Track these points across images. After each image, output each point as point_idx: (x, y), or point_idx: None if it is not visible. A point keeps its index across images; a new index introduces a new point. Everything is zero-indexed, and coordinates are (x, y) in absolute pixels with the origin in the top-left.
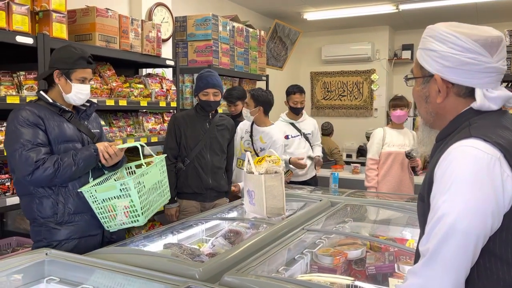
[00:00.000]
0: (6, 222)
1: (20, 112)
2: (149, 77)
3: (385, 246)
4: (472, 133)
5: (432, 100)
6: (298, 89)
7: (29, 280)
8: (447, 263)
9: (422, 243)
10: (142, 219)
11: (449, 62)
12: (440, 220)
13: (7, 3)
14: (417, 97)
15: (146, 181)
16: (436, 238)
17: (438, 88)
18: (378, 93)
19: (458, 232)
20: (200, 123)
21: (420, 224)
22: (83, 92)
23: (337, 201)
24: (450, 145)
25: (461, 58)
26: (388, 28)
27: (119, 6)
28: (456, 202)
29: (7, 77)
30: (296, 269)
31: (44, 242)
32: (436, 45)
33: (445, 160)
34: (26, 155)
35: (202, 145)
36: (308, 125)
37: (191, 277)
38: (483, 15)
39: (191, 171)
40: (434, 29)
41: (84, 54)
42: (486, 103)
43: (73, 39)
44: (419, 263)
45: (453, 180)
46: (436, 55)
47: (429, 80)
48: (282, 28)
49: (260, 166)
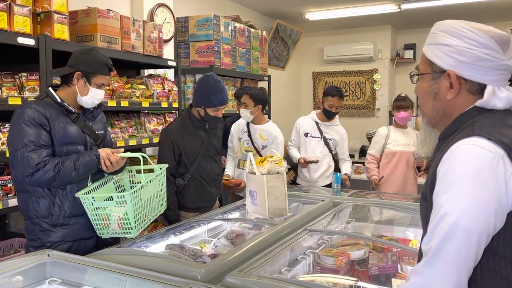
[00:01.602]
0: (8, 223)
1: (27, 110)
2: (151, 78)
3: (388, 247)
4: (476, 131)
5: (441, 96)
6: (338, 92)
7: (31, 281)
8: (449, 262)
9: (424, 242)
10: (135, 232)
11: (465, 57)
12: (443, 219)
13: (8, 4)
14: (424, 93)
15: (144, 193)
16: (439, 237)
17: (449, 84)
18: (380, 93)
19: (461, 231)
20: (197, 134)
21: (422, 223)
22: (98, 97)
23: (339, 201)
24: (453, 143)
25: (478, 54)
26: (390, 28)
27: (121, 7)
28: (458, 201)
29: (9, 78)
30: (299, 269)
31: (38, 242)
32: (451, 39)
33: (447, 158)
34: (27, 156)
35: (201, 157)
36: (334, 131)
37: (193, 278)
38: (485, 14)
39: (193, 185)
40: (447, 25)
41: (108, 61)
42: (492, 101)
43: (74, 40)
44: (421, 262)
45: (455, 179)
46: (451, 50)
47: (440, 76)
48: (284, 28)
49: (262, 166)
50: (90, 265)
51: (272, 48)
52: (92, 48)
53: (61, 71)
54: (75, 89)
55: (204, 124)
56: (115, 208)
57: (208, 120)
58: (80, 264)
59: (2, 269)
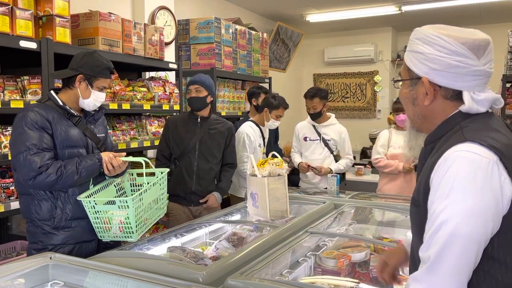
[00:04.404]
0: (10, 226)
1: (29, 113)
2: (152, 80)
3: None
4: (467, 137)
5: (419, 102)
6: (310, 93)
7: (34, 284)
8: (450, 269)
9: (422, 250)
10: (136, 236)
11: (436, 65)
12: (441, 227)
13: (10, 8)
14: (404, 99)
15: (146, 198)
16: (438, 245)
17: (425, 90)
18: (381, 94)
19: (460, 238)
20: (190, 126)
21: (413, 229)
22: (99, 100)
23: (340, 203)
24: (445, 150)
25: (448, 61)
26: (391, 30)
27: (122, 10)
28: (456, 208)
29: (11, 81)
30: (300, 272)
31: (40, 245)
32: (423, 47)
33: (442, 165)
34: (30, 160)
35: (190, 149)
36: (332, 131)
37: (194, 281)
38: (486, 15)
39: (177, 174)
40: (421, 32)
41: (109, 64)
42: (475, 106)
43: (76, 43)
44: (422, 270)
45: (452, 186)
46: (423, 58)
47: (417, 83)
48: (285, 30)
49: (263, 168)
50: (92, 267)
51: (273, 50)
52: (94, 51)
53: (63, 73)
54: (77, 92)
55: (197, 117)
56: (117, 212)
57: (188, 105)
58: (82, 266)
59: (5, 271)
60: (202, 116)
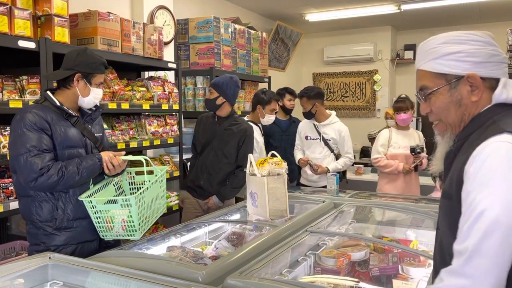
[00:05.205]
0: (9, 226)
1: (27, 115)
2: (151, 80)
3: (389, 248)
4: (505, 128)
5: (465, 101)
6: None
7: (33, 284)
8: (491, 259)
9: (458, 241)
10: (139, 234)
11: (478, 58)
12: (481, 216)
13: (9, 8)
14: (447, 105)
15: (147, 196)
16: (478, 235)
17: (469, 87)
18: (381, 93)
19: (502, 227)
20: (211, 125)
21: (444, 222)
22: (98, 97)
23: (340, 203)
24: (480, 142)
25: (487, 51)
26: (390, 29)
27: (121, 9)
28: (497, 197)
29: (10, 81)
30: (300, 271)
31: (42, 246)
32: (457, 47)
33: (478, 156)
34: (31, 161)
35: (206, 146)
36: (332, 130)
37: (194, 280)
38: (485, 14)
39: (195, 167)
40: (445, 36)
41: (103, 59)
42: (504, 93)
43: (75, 43)
44: (458, 262)
45: (491, 175)
46: (462, 55)
47: (458, 84)
48: (284, 30)
49: (263, 168)
50: (91, 267)
51: (272, 50)
52: (86, 48)
53: (59, 74)
54: (75, 91)
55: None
56: (119, 211)
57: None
58: (82, 266)
59: (4, 272)
60: (219, 116)
